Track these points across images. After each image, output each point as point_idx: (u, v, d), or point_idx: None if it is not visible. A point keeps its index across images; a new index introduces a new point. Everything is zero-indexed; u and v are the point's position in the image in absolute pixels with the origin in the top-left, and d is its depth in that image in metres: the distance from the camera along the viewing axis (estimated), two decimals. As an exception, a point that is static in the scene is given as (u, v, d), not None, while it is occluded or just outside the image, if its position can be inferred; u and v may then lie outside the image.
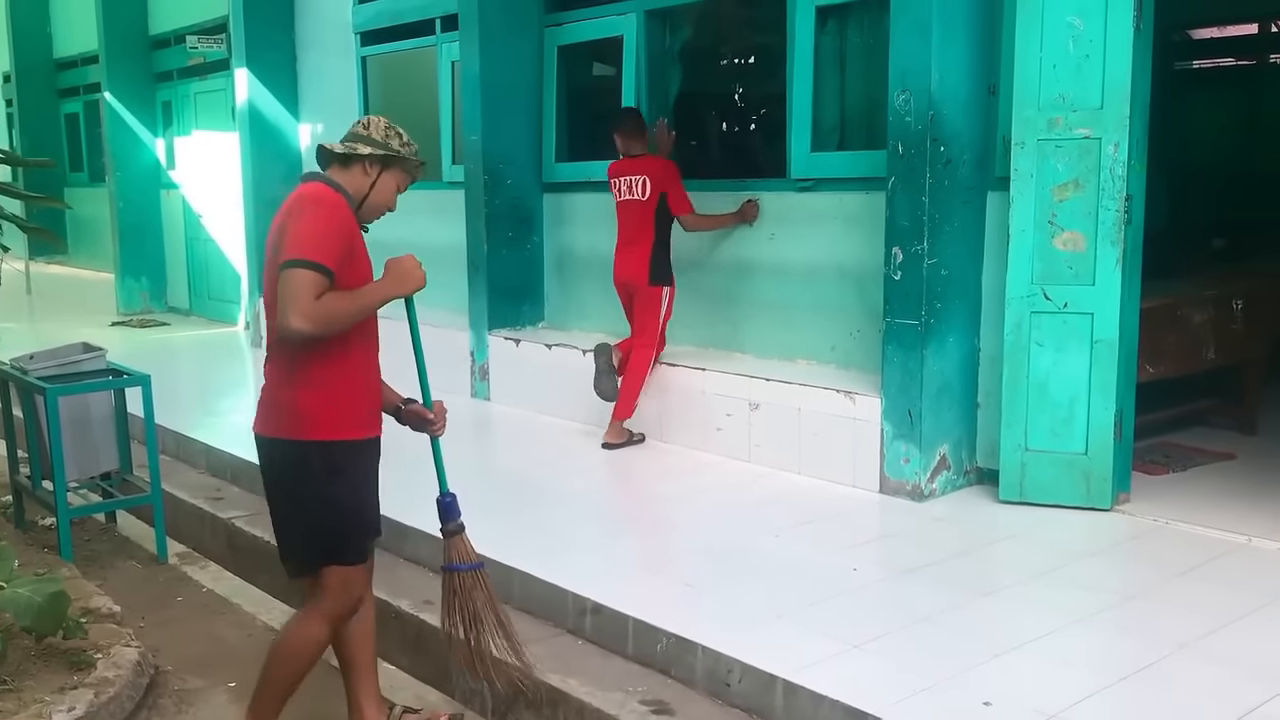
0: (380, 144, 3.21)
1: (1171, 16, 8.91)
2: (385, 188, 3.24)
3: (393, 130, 3.26)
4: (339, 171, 3.21)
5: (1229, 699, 3.15)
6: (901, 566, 4.33)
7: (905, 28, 5.00)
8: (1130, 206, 4.72)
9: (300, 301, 2.87)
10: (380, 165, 3.21)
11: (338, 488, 3.10)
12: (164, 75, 12.56)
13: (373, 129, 3.25)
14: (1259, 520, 4.67)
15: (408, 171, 3.29)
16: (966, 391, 5.27)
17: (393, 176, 3.25)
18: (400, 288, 3.18)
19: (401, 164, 3.25)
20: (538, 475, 6.10)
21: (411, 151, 3.27)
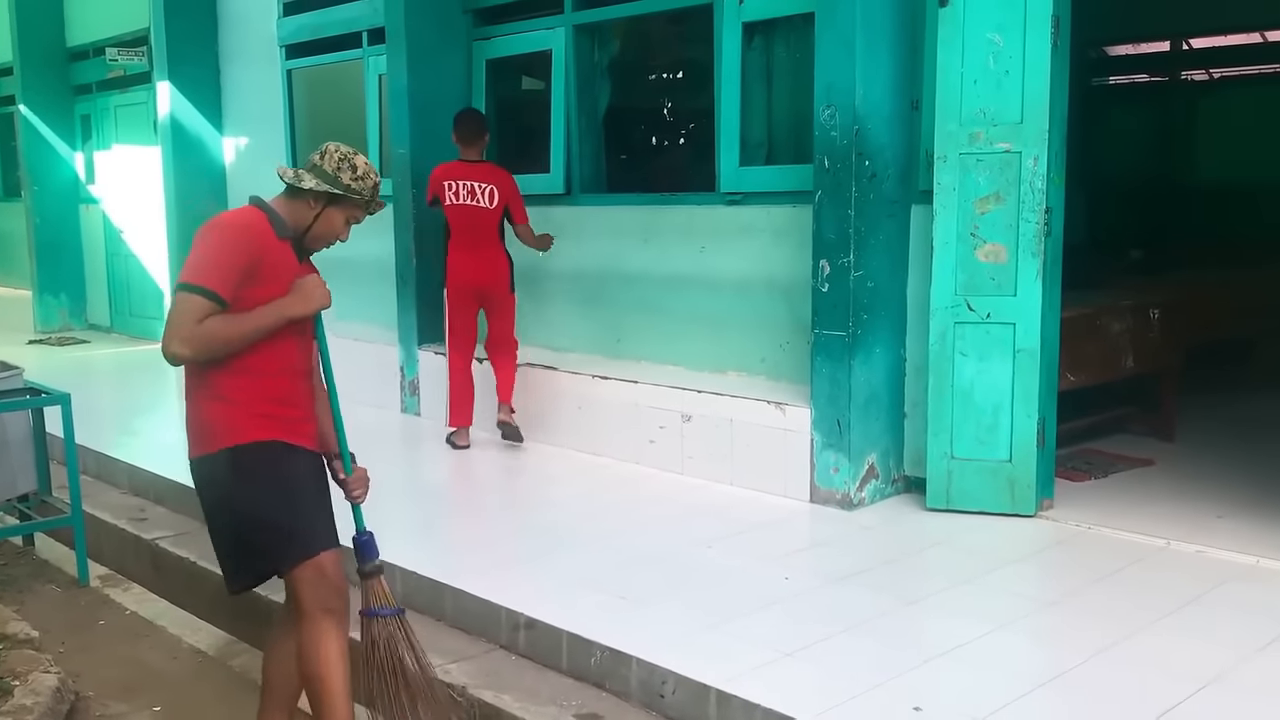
0: (329, 177, 3.11)
1: (1088, 34, 9.15)
2: (330, 221, 3.16)
3: (347, 162, 3.14)
4: (284, 199, 3.15)
5: (1149, 700, 3.23)
6: (832, 575, 4.37)
7: (830, 44, 5.08)
8: (1050, 219, 4.83)
9: (180, 326, 2.88)
10: (324, 201, 3.13)
11: (256, 490, 3.02)
12: (83, 88, 12.31)
13: (326, 159, 3.14)
14: (1177, 524, 4.80)
15: (360, 207, 3.20)
16: (894, 401, 5.34)
17: (341, 211, 3.16)
18: (300, 307, 3.06)
19: (349, 201, 3.16)
20: (468, 491, 6.07)
21: (366, 187, 3.16)
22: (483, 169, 6.38)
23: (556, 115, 7.04)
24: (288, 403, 3.11)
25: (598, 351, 6.85)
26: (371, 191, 3.19)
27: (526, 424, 6.63)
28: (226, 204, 10.11)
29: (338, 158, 3.14)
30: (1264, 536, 4.61)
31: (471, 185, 6.32)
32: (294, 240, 3.13)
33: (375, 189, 3.21)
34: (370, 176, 3.17)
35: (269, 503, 3.05)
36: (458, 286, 6.47)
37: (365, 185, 3.16)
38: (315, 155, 3.17)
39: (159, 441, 7.25)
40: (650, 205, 6.59)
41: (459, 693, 3.64)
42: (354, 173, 3.14)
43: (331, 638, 3.10)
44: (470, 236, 6.38)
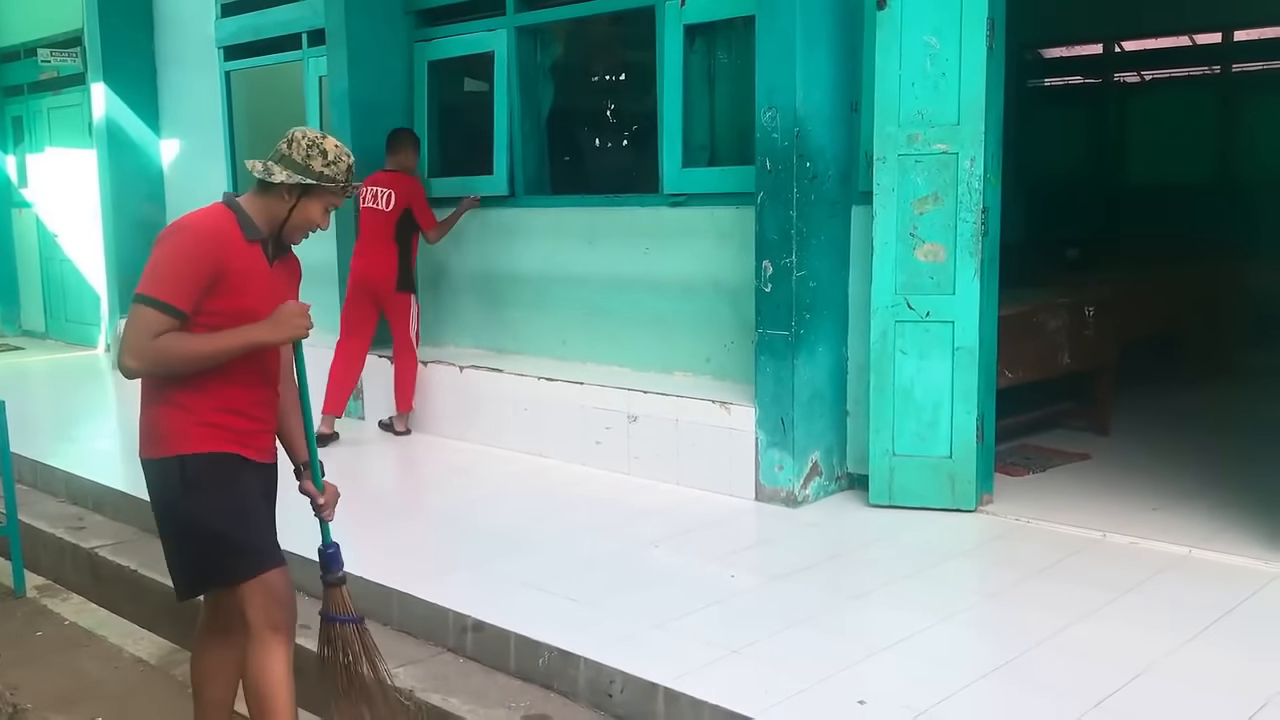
0: (299, 166, 2.97)
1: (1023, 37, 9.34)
2: (307, 213, 3.02)
3: (317, 148, 2.99)
4: (256, 194, 3.03)
5: (1087, 688, 3.30)
6: (777, 572, 4.42)
7: (770, 46, 5.12)
8: (987, 219, 4.91)
9: (134, 340, 2.80)
10: (298, 192, 2.99)
11: (206, 504, 2.94)
12: (13, 89, 12.07)
13: (294, 148, 2.99)
14: (1112, 517, 4.90)
15: (336, 194, 3.05)
16: (836, 399, 5.41)
17: (317, 200, 3.01)
18: (270, 334, 2.94)
19: (324, 190, 3.01)
20: (414, 494, 6.05)
21: (339, 171, 3.01)
22: (389, 176, 6.80)
23: (499, 117, 7.03)
24: (241, 414, 3.01)
25: (543, 353, 6.85)
26: (346, 174, 3.05)
27: (472, 426, 6.63)
28: (164, 207, 9.98)
29: (306, 144, 3.00)
30: (1196, 528, 4.72)
31: (375, 190, 6.76)
32: (265, 240, 3.01)
33: (349, 171, 3.06)
34: (343, 159, 3.04)
35: (219, 518, 2.97)
36: (352, 282, 6.91)
37: (339, 170, 3.02)
38: (283, 144, 3.02)
39: (97, 449, 7.14)
40: (594, 207, 6.61)
41: (407, 696, 3.63)
42: (325, 158, 3.00)
43: (279, 656, 3.04)
44: (367, 238, 6.83)
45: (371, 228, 6.79)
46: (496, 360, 6.87)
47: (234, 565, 3.00)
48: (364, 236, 6.84)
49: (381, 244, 6.76)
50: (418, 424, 6.99)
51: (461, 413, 6.75)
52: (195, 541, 3.01)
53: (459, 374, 6.77)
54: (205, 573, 3.06)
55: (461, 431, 6.75)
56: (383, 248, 6.75)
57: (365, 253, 6.82)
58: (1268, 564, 4.29)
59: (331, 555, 3.36)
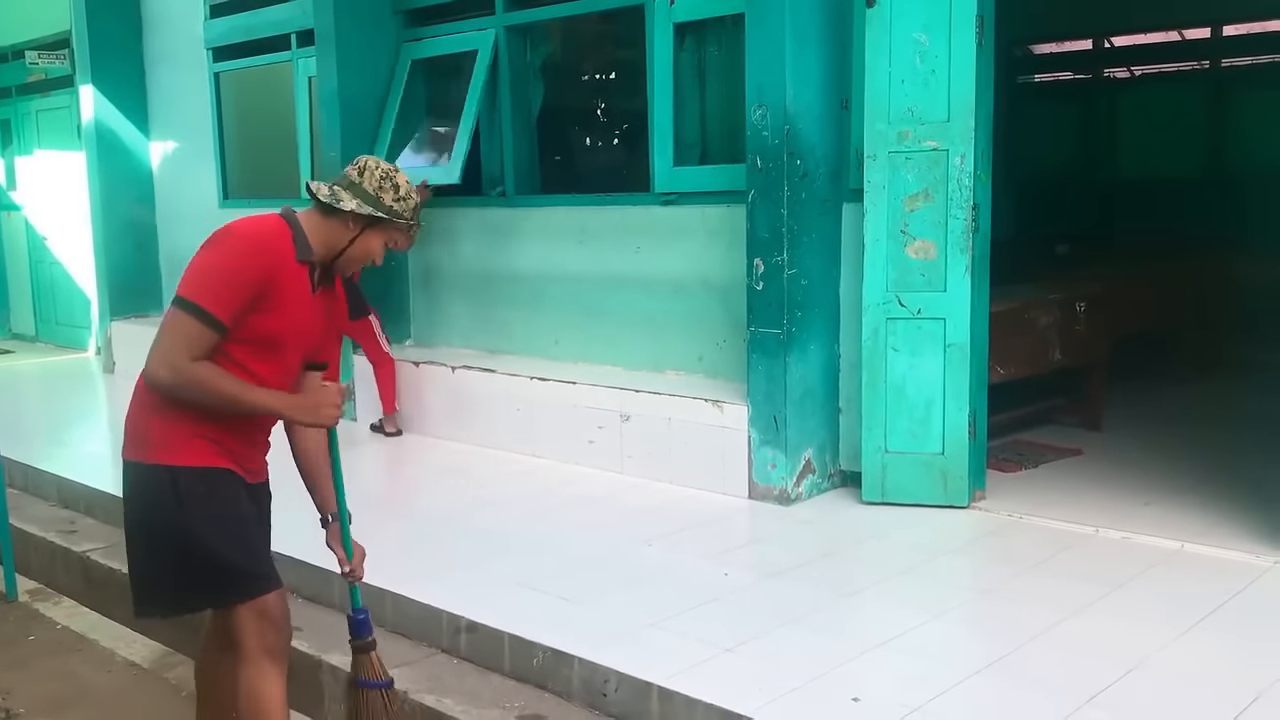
0: (370, 197, 2.88)
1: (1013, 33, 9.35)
2: (368, 245, 2.94)
3: (390, 181, 2.91)
4: (317, 216, 2.91)
5: (1080, 683, 3.30)
6: (771, 570, 4.42)
7: (760, 45, 5.12)
8: (977, 215, 4.92)
9: (173, 354, 2.68)
10: (364, 223, 2.89)
11: (205, 523, 2.82)
12: (2, 92, 12.02)
13: (366, 178, 2.90)
14: (1105, 512, 4.91)
15: (399, 230, 3.00)
16: (829, 397, 5.41)
17: (380, 234, 2.94)
18: (302, 415, 2.89)
19: (391, 225, 2.94)
20: (407, 495, 6.04)
21: (408, 209, 2.93)
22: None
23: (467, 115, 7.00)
24: (237, 433, 2.90)
25: (536, 353, 6.85)
26: (413, 213, 2.97)
27: (464, 427, 6.63)
28: (154, 209, 9.97)
29: (379, 175, 2.91)
30: (1188, 522, 4.74)
31: None
32: (314, 264, 2.90)
33: (418, 210, 2.99)
34: (413, 196, 2.96)
35: (215, 538, 2.84)
36: None
37: (407, 206, 2.94)
38: (352, 171, 2.94)
39: (88, 452, 7.12)
40: (585, 206, 6.61)
41: (401, 697, 3.62)
42: (397, 193, 2.91)
43: (273, 680, 2.96)
44: None
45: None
46: (489, 360, 6.87)
47: (228, 588, 2.89)
48: None
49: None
50: (410, 425, 6.99)
51: (454, 413, 6.75)
52: (186, 560, 2.85)
53: (451, 374, 6.76)
54: (194, 593, 2.93)
55: (454, 432, 6.74)
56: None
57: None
58: (1259, 558, 4.30)
59: (361, 622, 3.26)
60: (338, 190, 2.90)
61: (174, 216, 9.83)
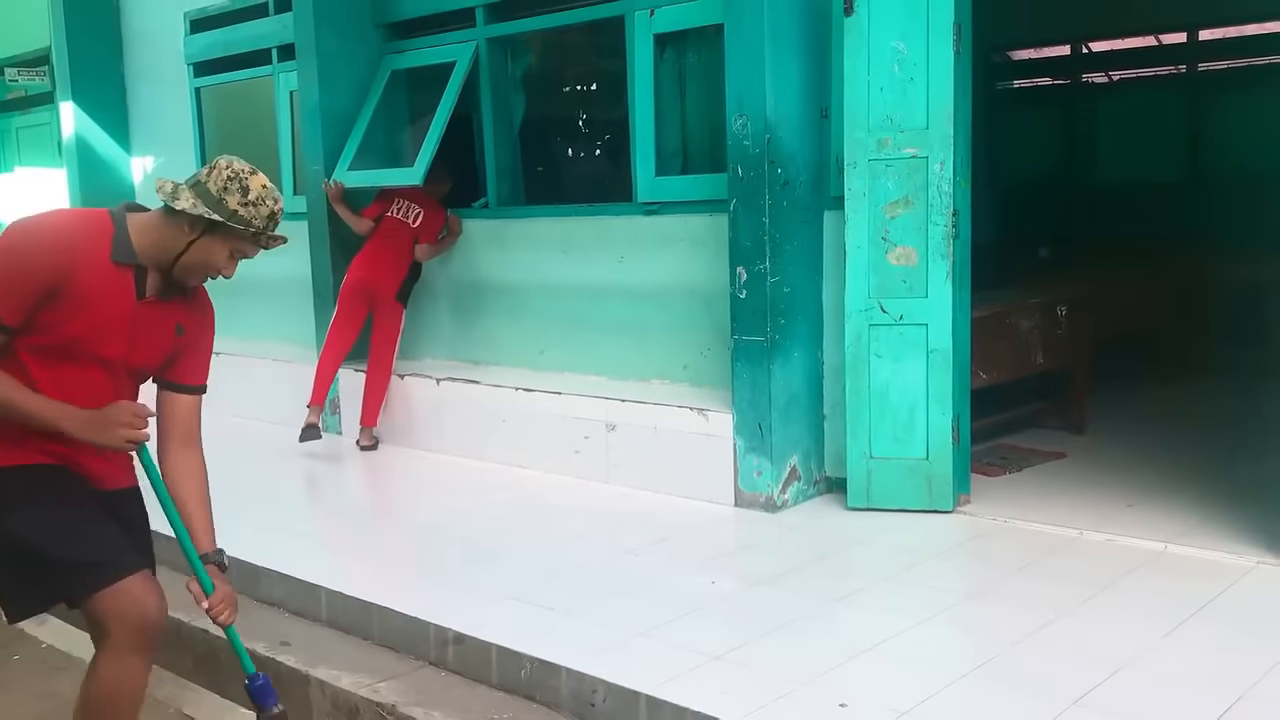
0: (211, 199, 2.62)
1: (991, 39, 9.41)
2: (207, 252, 2.67)
3: (237, 183, 2.63)
4: (157, 215, 2.70)
5: (1066, 686, 3.32)
6: (757, 577, 4.43)
7: (739, 54, 5.15)
8: (957, 221, 4.95)
9: None
10: (202, 227, 2.63)
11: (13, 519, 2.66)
12: (-19, 109, 11.99)
13: (212, 177, 2.64)
14: (1088, 515, 4.94)
15: (249, 240, 2.68)
16: (813, 404, 5.43)
17: (223, 241, 2.66)
18: (83, 432, 2.61)
19: (234, 232, 2.63)
20: (392, 507, 6.04)
21: (257, 216, 2.64)
22: (424, 198, 6.95)
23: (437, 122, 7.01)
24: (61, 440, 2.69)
25: (520, 364, 6.86)
26: (266, 222, 2.67)
27: (449, 438, 6.63)
28: (137, 225, 9.92)
29: (226, 176, 2.64)
30: (1170, 523, 4.76)
31: (406, 205, 6.94)
32: (141, 270, 2.67)
33: (272, 219, 2.69)
34: (265, 203, 2.66)
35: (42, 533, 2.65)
36: (349, 286, 6.95)
37: (257, 213, 2.65)
38: (204, 170, 2.68)
39: (72, 469, 7.07)
40: (568, 216, 6.62)
41: (389, 711, 3.62)
42: (243, 196, 2.64)
43: (131, 671, 2.77)
44: (385, 245, 6.91)
45: (393, 238, 6.91)
46: (473, 372, 6.87)
47: (66, 582, 2.72)
48: (379, 244, 6.93)
49: (399, 254, 6.90)
50: (395, 437, 6.97)
51: (439, 425, 6.74)
52: (13, 559, 2.70)
53: (436, 386, 6.76)
54: (32, 591, 2.77)
55: (439, 444, 6.74)
56: (399, 258, 6.90)
57: (376, 259, 6.91)
58: (1242, 558, 4.33)
59: (260, 689, 2.98)
60: (180, 189, 2.67)
61: (156, 232, 9.79)
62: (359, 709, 3.72)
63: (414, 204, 6.93)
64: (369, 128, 7.36)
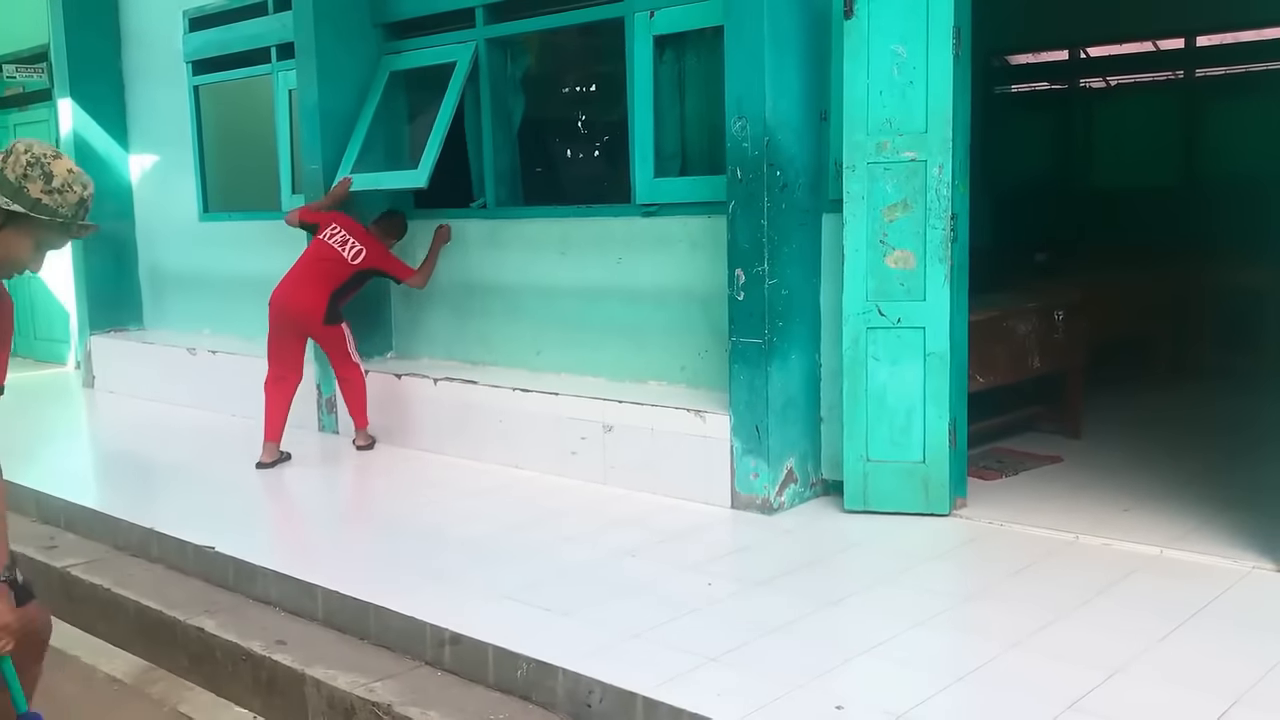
0: (10, 188, 2.41)
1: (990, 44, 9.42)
2: (10, 245, 2.47)
3: (39, 169, 2.43)
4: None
5: (1061, 689, 3.33)
6: (754, 579, 4.43)
7: (739, 56, 5.15)
8: (956, 225, 4.96)
9: None
10: (1, 220, 2.43)
11: None
12: (-21, 106, 11.97)
13: (10, 164, 2.43)
14: (1084, 518, 4.95)
15: (56, 231, 2.47)
16: (810, 406, 5.43)
17: (25, 234, 2.46)
18: None
19: (37, 223, 2.43)
20: (389, 508, 6.03)
21: (62, 203, 2.44)
22: (367, 235, 6.76)
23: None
24: None
25: (517, 365, 6.86)
26: (75, 210, 2.48)
27: (446, 439, 6.63)
28: (134, 223, 9.93)
29: (25, 162, 2.44)
30: (1167, 527, 4.77)
31: (347, 237, 6.67)
32: None
33: (82, 206, 2.49)
34: (74, 190, 2.47)
35: None
36: (271, 314, 6.68)
37: (64, 201, 2.46)
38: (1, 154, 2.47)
39: (68, 468, 7.08)
40: (567, 218, 6.62)
41: (385, 711, 3.62)
42: (47, 183, 2.44)
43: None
44: (309, 270, 6.65)
45: (320, 264, 6.62)
46: (470, 372, 6.87)
47: None
48: (303, 268, 6.66)
49: (321, 282, 6.57)
50: (392, 437, 6.97)
51: (436, 425, 6.74)
52: None
53: (433, 386, 6.76)
54: None
55: (436, 444, 6.74)
56: (319, 286, 6.57)
57: (296, 284, 6.61)
58: (1237, 562, 4.34)
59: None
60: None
61: (154, 230, 9.80)
62: (355, 708, 3.72)
63: (352, 236, 6.66)
64: (370, 129, 7.36)
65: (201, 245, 9.21)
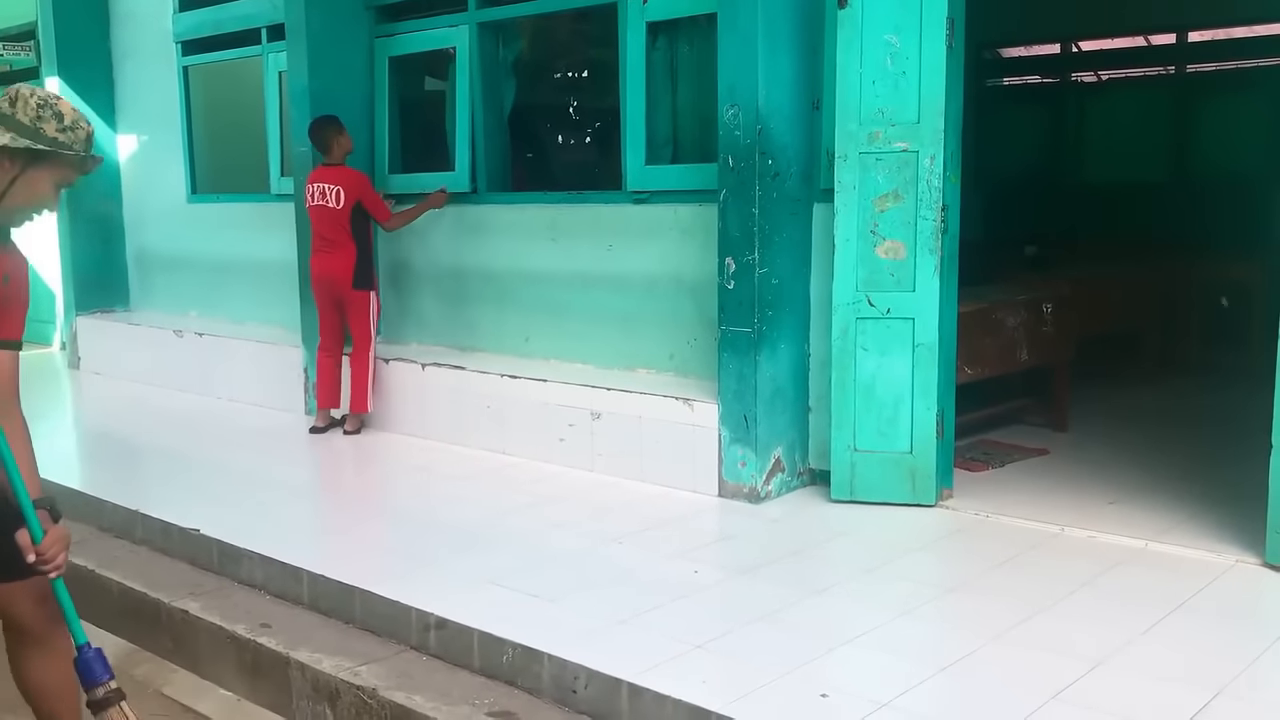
0: (28, 130, 2.51)
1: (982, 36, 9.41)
2: (34, 186, 2.58)
3: (50, 109, 2.54)
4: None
5: (1044, 680, 3.34)
6: (740, 567, 4.44)
7: (732, 44, 5.14)
8: (946, 216, 4.96)
9: None
10: (24, 160, 2.53)
11: None
12: (-34, 83, 11.88)
13: (20, 107, 2.51)
14: (1070, 511, 4.97)
15: (73, 166, 2.60)
16: (798, 395, 5.43)
17: (48, 172, 2.58)
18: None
19: (59, 159, 2.56)
20: (376, 492, 6.03)
21: (77, 139, 2.57)
22: (332, 171, 6.77)
23: (461, 114, 7.01)
24: None
25: (506, 350, 6.85)
26: (85, 144, 2.60)
27: (434, 424, 6.62)
28: (121, 204, 9.88)
29: (35, 104, 2.53)
30: (1152, 521, 4.80)
31: (323, 187, 6.74)
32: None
33: (89, 140, 2.62)
34: (81, 126, 2.59)
35: None
36: (312, 283, 6.96)
37: (76, 137, 2.57)
38: (2, 102, 2.54)
39: (51, 448, 7.01)
40: (557, 204, 6.61)
41: (369, 695, 3.62)
42: (60, 122, 2.55)
43: None
44: (321, 234, 6.82)
45: (324, 226, 6.79)
46: (459, 358, 6.85)
47: None
48: (317, 235, 6.85)
49: (337, 242, 6.76)
50: (379, 422, 6.96)
51: (423, 410, 6.73)
52: None
53: (421, 371, 6.74)
54: None
55: (423, 429, 6.73)
56: (339, 245, 6.76)
57: (321, 251, 6.84)
58: (1220, 556, 4.37)
59: (89, 661, 2.77)
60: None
61: (141, 211, 9.75)
62: (339, 692, 3.72)
63: (324, 182, 6.74)
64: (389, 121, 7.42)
65: (189, 227, 9.17)
